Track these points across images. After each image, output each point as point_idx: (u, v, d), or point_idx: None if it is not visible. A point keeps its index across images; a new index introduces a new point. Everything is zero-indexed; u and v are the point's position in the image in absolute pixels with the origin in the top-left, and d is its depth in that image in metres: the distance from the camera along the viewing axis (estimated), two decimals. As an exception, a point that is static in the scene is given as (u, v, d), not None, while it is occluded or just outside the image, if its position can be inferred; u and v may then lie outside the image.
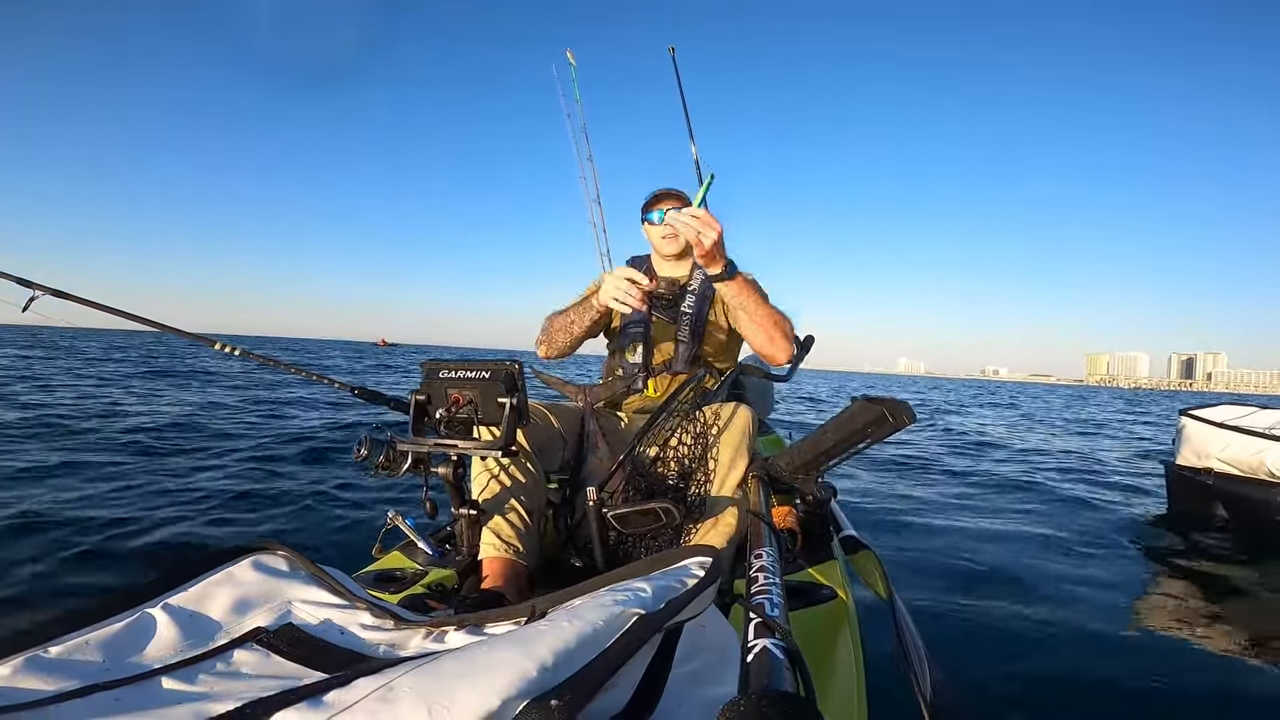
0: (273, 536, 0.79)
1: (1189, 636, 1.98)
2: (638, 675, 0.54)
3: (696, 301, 1.72)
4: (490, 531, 1.27)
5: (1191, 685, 1.68)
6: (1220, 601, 2.31)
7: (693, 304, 1.72)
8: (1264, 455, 2.84)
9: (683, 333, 1.70)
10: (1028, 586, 2.35)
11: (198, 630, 0.63)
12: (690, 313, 1.71)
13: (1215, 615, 2.19)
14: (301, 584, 0.73)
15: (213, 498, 3.39)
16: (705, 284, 1.73)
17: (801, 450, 1.43)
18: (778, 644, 0.53)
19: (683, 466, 1.39)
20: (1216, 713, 1.58)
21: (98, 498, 3.17)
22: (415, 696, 0.36)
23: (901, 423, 1.24)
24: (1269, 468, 2.83)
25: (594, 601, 0.53)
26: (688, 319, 1.71)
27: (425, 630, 0.68)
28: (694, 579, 0.60)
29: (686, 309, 1.72)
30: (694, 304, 1.72)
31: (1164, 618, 2.12)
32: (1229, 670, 1.77)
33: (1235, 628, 2.06)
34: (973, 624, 2.00)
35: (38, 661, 0.53)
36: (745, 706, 0.40)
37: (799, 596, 1.20)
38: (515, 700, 0.37)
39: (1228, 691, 1.65)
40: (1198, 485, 3.16)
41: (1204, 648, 1.90)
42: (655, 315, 1.73)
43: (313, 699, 0.41)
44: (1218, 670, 1.76)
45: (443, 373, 1.21)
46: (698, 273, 1.75)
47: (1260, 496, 2.85)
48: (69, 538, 2.47)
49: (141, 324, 1.66)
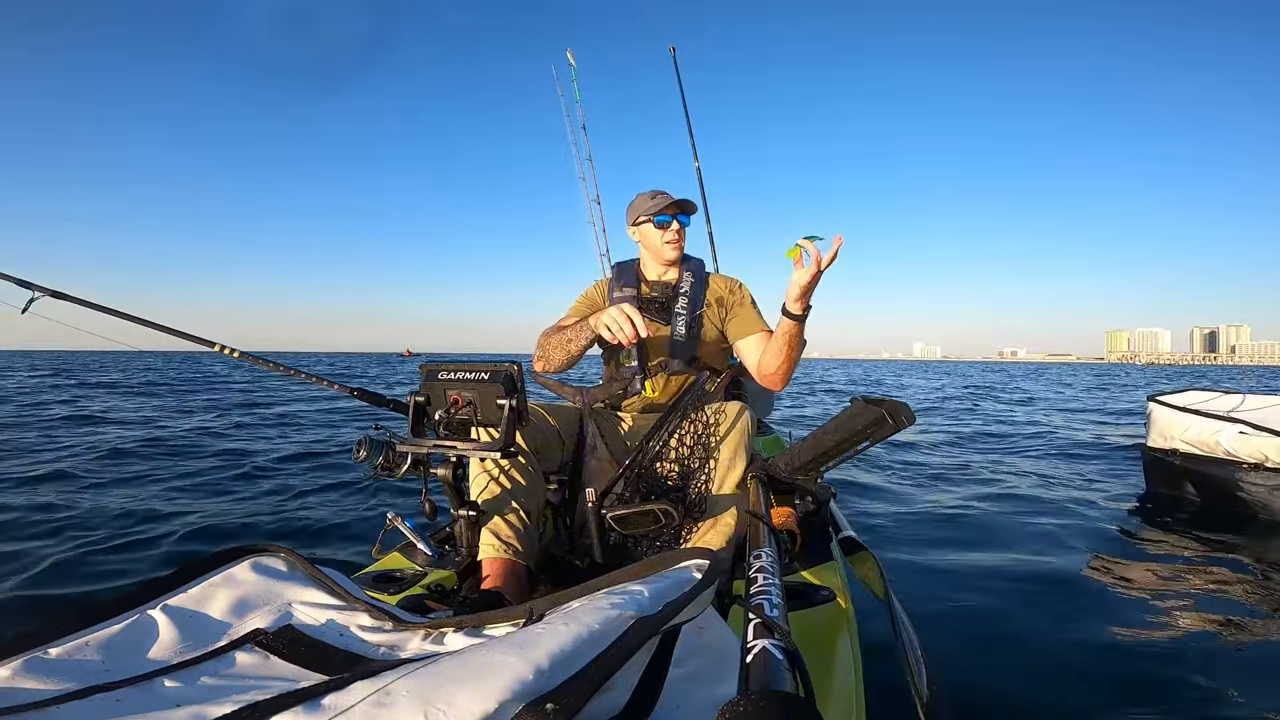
0: (270, 538, 0.79)
1: (1174, 626, 1.99)
2: (635, 677, 0.55)
3: (689, 304, 1.73)
4: (489, 532, 1.27)
5: (1180, 675, 1.69)
6: (1209, 589, 2.32)
7: (685, 305, 1.73)
8: (1219, 435, 3.16)
9: (678, 332, 1.71)
10: (1023, 584, 2.35)
11: (197, 632, 0.63)
12: (684, 314, 1.72)
13: (1201, 601, 2.20)
14: (300, 585, 0.73)
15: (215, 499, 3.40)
16: (697, 286, 1.76)
17: (801, 451, 1.43)
18: (777, 644, 0.53)
19: (682, 467, 1.39)
20: (1211, 704, 1.59)
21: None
22: (412, 700, 0.37)
23: (901, 424, 1.24)
24: (1225, 447, 3.13)
25: (591, 604, 0.53)
26: (682, 319, 1.72)
27: (424, 632, 0.68)
28: (691, 581, 0.60)
29: (680, 310, 1.73)
30: (687, 305, 1.73)
31: (1156, 610, 2.13)
32: (1217, 662, 1.77)
33: (1221, 614, 2.07)
34: (972, 623, 2.01)
35: (38, 662, 0.54)
36: (745, 706, 0.40)
37: (798, 597, 1.20)
38: (512, 703, 0.37)
39: (1218, 684, 1.65)
40: (1167, 465, 3.47)
41: (1188, 638, 1.91)
42: (648, 319, 1.71)
43: (309, 702, 0.41)
44: (1205, 661, 1.76)
45: (442, 374, 1.21)
46: (687, 275, 1.77)
47: (1219, 474, 3.18)
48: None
49: (141, 325, 1.66)
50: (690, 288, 1.76)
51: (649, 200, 1.77)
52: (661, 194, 1.77)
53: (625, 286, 1.81)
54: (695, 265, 1.83)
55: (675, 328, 1.71)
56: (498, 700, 0.36)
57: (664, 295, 1.75)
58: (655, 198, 1.76)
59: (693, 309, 1.73)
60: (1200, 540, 2.92)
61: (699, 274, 1.80)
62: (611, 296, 1.81)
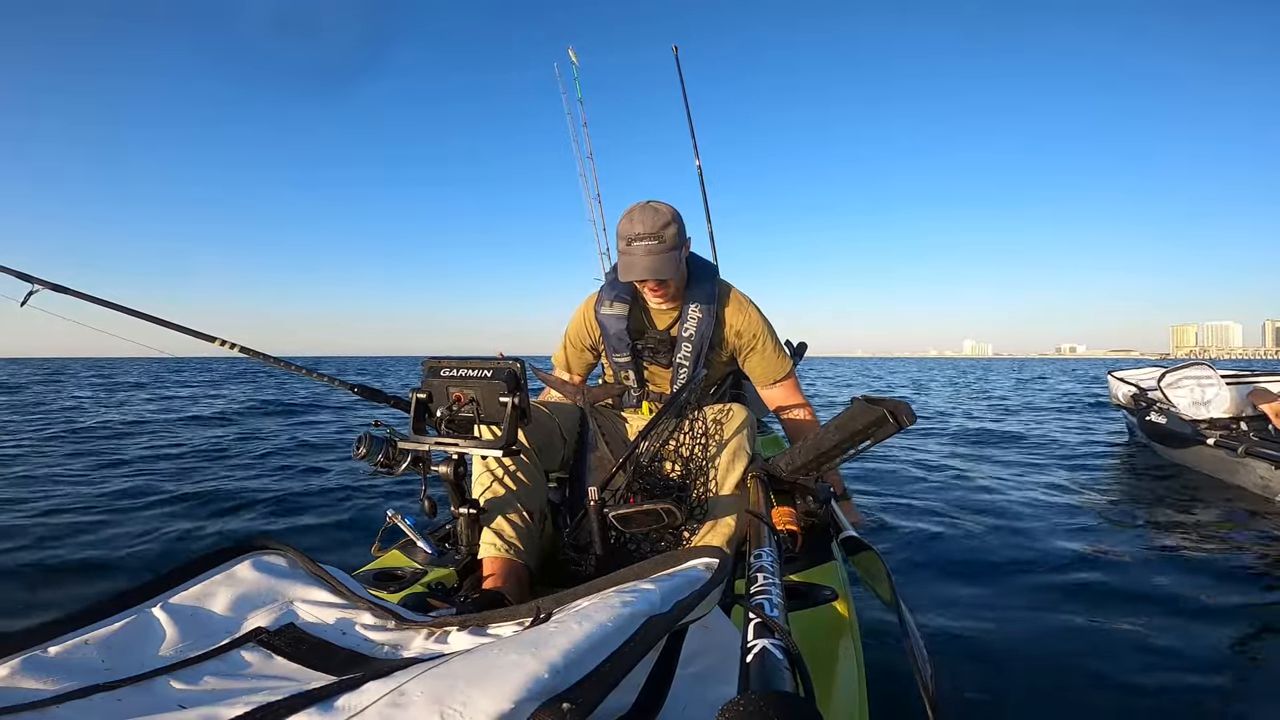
0: (272, 535, 0.78)
1: (1178, 624, 2.00)
2: (643, 676, 0.54)
3: (693, 355, 1.58)
4: (491, 531, 1.26)
5: (1189, 675, 1.69)
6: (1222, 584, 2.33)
7: (688, 356, 1.58)
8: (1129, 391, 5.11)
9: (679, 384, 1.59)
10: (1028, 578, 2.36)
11: (198, 630, 0.63)
12: (686, 365, 1.59)
13: (1216, 594, 2.21)
14: (302, 583, 0.73)
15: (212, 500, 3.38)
16: (701, 334, 1.56)
17: (802, 451, 1.43)
18: (777, 644, 0.53)
19: (683, 467, 1.39)
20: (1221, 701, 1.59)
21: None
22: (427, 700, 0.36)
23: (902, 423, 1.24)
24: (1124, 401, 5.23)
25: (602, 603, 0.53)
26: (684, 371, 1.59)
27: (427, 630, 0.68)
28: (701, 580, 0.60)
29: (682, 360, 1.59)
30: (690, 355, 1.58)
31: (1164, 607, 2.13)
32: (1228, 664, 1.78)
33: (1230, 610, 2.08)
34: (973, 623, 2.01)
35: (38, 661, 0.53)
36: (745, 707, 0.40)
37: (799, 597, 1.19)
38: (528, 703, 0.37)
39: (1227, 685, 1.66)
40: (1122, 415, 5.49)
41: (1201, 637, 1.91)
42: (647, 363, 1.65)
43: (323, 703, 0.40)
44: (1216, 661, 1.77)
45: (444, 371, 1.20)
46: (693, 312, 1.57)
47: (1139, 417, 4.75)
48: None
49: (140, 319, 1.65)
50: (696, 331, 1.56)
51: (628, 224, 1.47)
52: (638, 232, 1.45)
53: (616, 301, 1.62)
54: (702, 290, 1.58)
55: (676, 377, 1.60)
56: (513, 700, 0.36)
57: (663, 345, 1.61)
58: (633, 221, 1.46)
59: (696, 358, 1.57)
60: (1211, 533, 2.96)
61: (708, 310, 1.57)
62: (599, 312, 1.64)
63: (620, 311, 1.63)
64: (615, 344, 1.65)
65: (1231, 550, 2.77)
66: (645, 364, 1.66)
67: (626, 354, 1.64)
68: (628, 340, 1.63)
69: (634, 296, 1.63)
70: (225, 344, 1.67)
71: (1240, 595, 2.29)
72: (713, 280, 1.62)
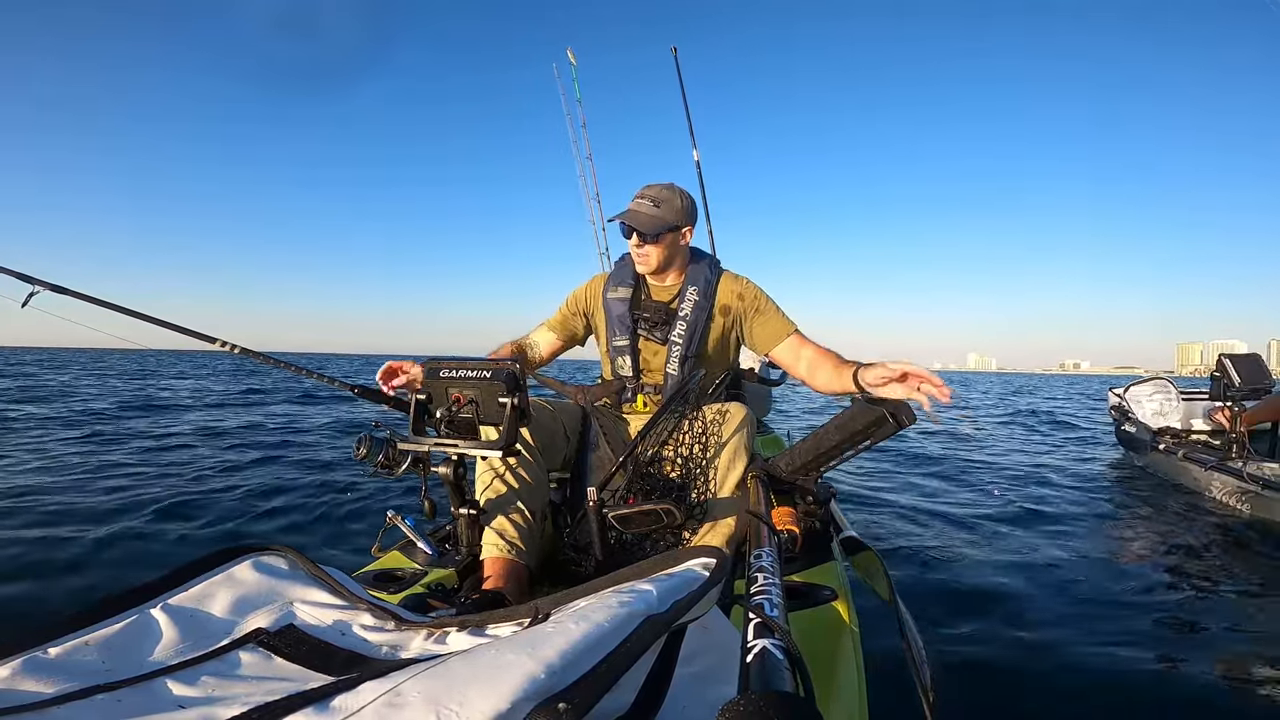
0: (272, 536, 0.79)
1: (1179, 624, 2.00)
2: (642, 676, 0.54)
3: (688, 331, 1.59)
4: (493, 531, 1.26)
5: (1181, 671, 1.70)
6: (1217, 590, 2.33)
7: (683, 333, 1.59)
8: (1115, 403, 5.36)
9: (671, 364, 1.60)
10: (1026, 581, 2.35)
11: (198, 631, 0.63)
12: (680, 343, 1.59)
13: (1214, 601, 2.20)
14: (302, 584, 0.73)
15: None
16: (701, 305, 1.61)
17: (802, 451, 1.43)
18: (777, 644, 0.53)
19: (682, 467, 1.39)
20: (1209, 695, 1.59)
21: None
22: (424, 701, 0.36)
23: (902, 423, 1.24)
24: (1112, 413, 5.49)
25: (600, 603, 0.53)
26: (678, 349, 1.59)
27: (427, 631, 0.68)
28: (699, 580, 0.60)
29: (676, 338, 1.59)
30: (684, 333, 1.59)
31: (1159, 603, 2.13)
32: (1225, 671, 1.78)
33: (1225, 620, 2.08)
34: (973, 623, 2.01)
35: (38, 662, 0.53)
36: (745, 707, 0.40)
37: (798, 597, 1.19)
38: (524, 703, 0.37)
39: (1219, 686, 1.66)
40: (1114, 422, 5.60)
41: (1196, 631, 1.91)
42: (644, 336, 1.64)
43: (320, 703, 0.40)
44: (1207, 663, 1.77)
45: (444, 372, 1.20)
46: (690, 293, 1.62)
47: (1116, 426, 5.32)
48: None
49: (142, 320, 1.65)
50: (692, 308, 1.60)
51: (644, 187, 1.62)
52: (644, 191, 1.60)
53: (620, 286, 1.67)
54: (702, 273, 1.65)
55: (670, 358, 1.60)
56: (510, 700, 0.36)
57: (660, 316, 1.62)
58: (649, 185, 1.62)
59: (691, 336, 1.59)
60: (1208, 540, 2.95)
61: (705, 289, 1.63)
62: (605, 295, 1.69)
63: (624, 295, 1.67)
64: (616, 326, 1.66)
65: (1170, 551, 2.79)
66: (641, 335, 1.65)
67: (625, 337, 1.65)
68: (629, 323, 1.65)
69: (637, 281, 1.68)
70: (225, 345, 1.67)
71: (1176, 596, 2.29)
72: (712, 267, 1.69)
